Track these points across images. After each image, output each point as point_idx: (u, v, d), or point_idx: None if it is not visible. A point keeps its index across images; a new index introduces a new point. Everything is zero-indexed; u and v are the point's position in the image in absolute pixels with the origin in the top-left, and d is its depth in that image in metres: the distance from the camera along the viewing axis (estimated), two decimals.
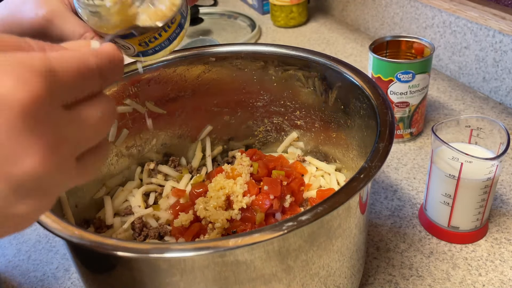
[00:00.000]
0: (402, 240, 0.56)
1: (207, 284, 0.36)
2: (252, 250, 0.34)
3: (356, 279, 0.47)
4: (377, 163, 0.38)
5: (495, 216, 0.58)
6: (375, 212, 0.60)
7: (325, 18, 1.19)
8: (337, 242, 0.39)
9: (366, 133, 0.48)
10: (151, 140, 0.60)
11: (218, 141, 0.64)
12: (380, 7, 1.01)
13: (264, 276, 0.36)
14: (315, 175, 0.58)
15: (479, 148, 0.54)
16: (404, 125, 0.72)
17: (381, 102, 0.45)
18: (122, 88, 0.55)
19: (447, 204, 0.54)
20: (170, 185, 0.58)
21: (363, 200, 0.41)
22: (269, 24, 1.18)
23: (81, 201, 0.52)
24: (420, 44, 0.70)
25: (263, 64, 0.57)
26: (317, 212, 0.34)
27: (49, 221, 0.35)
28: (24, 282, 0.56)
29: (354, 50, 1.02)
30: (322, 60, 0.53)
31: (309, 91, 0.56)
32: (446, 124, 0.54)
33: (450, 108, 0.79)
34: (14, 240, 0.62)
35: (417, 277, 0.52)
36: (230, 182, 0.51)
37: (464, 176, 0.51)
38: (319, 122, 0.58)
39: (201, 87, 0.60)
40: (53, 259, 0.59)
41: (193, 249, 0.32)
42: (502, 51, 0.75)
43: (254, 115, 0.62)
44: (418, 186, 0.64)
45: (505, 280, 0.51)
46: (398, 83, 0.67)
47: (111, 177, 0.57)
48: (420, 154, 0.70)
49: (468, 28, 0.80)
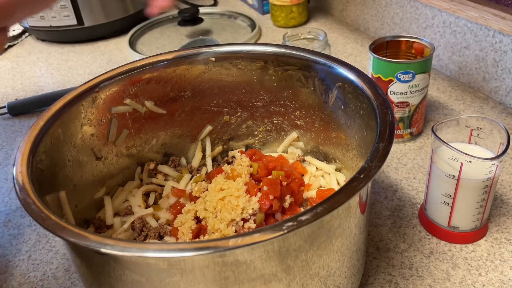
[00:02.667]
0: (402, 240, 0.56)
1: (207, 284, 0.36)
2: (252, 250, 0.34)
3: (356, 279, 0.47)
4: (377, 163, 0.38)
5: (495, 216, 0.58)
6: (375, 212, 0.61)
7: (325, 18, 1.19)
8: (337, 242, 0.39)
9: (366, 133, 0.48)
10: (151, 140, 0.60)
11: (218, 141, 0.64)
12: (380, 7, 1.01)
13: (264, 276, 0.36)
14: (315, 175, 0.58)
15: (479, 148, 0.54)
16: (404, 125, 0.72)
17: (381, 102, 0.45)
18: (122, 88, 0.55)
19: (447, 204, 0.54)
20: (170, 185, 0.59)
21: (363, 200, 0.41)
22: (269, 24, 1.18)
23: (81, 201, 0.52)
24: (420, 44, 0.70)
25: (263, 64, 0.57)
26: (317, 212, 0.34)
27: (49, 221, 0.35)
28: (24, 282, 0.56)
29: (354, 50, 1.02)
30: (322, 60, 0.53)
31: (309, 91, 0.56)
32: (446, 124, 0.54)
33: (450, 108, 0.79)
34: (14, 240, 0.62)
35: (417, 277, 0.52)
36: (230, 183, 0.51)
37: (464, 176, 0.51)
38: (319, 122, 0.58)
39: (201, 87, 0.60)
40: (53, 259, 0.59)
41: (193, 249, 0.32)
42: (502, 51, 0.75)
43: (254, 115, 0.62)
44: (418, 186, 0.64)
45: (505, 280, 0.51)
46: (398, 83, 0.67)
47: (111, 177, 0.57)
48: (420, 154, 0.70)
49: (468, 28, 0.80)
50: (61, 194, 0.47)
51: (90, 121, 0.53)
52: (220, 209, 0.48)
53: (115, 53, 1.12)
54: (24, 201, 0.38)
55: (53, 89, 0.98)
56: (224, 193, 0.49)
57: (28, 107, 0.90)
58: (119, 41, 1.17)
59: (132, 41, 1.14)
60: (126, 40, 1.12)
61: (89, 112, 0.53)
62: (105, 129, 0.55)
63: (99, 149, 0.55)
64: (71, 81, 1.01)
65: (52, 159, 0.47)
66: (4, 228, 0.64)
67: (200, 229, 0.49)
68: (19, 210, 0.67)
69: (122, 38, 1.17)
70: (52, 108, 0.49)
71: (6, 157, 0.79)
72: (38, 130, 0.46)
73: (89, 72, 1.04)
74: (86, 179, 0.53)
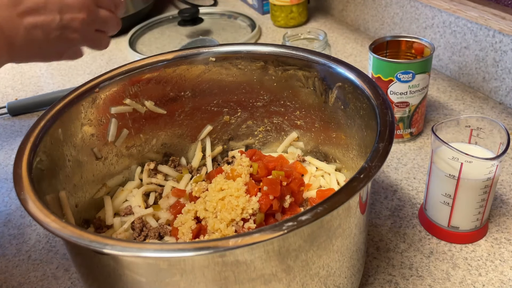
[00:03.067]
0: (402, 240, 0.56)
1: (207, 284, 0.36)
2: (252, 250, 0.34)
3: (356, 279, 0.47)
4: (377, 163, 0.38)
5: (495, 216, 0.58)
6: (375, 212, 0.61)
7: (325, 18, 1.19)
8: (337, 242, 0.39)
9: (366, 133, 0.48)
10: (151, 140, 0.60)
11: (218, 141, 0.64)
12: (380, 7, 1.01)
13: (264, 276, 0.36)
14: (315, 175, 0.58)
15: (479, 148, 0.54)
16: (404, 125, 0.72)
17: (381, 102, 0.45)
18: (122, 88, 0.55)
19: (447, 204, 0.54)
20: (170, 185, 0.59)
21: (363, 200, 0.41)
22: (269, 24, 1.18)
23: (81, 201, 0.52)
24: (420, 44, 0.70)
25: (263, 64, 0.57)
26: (317, 212, 0.34)
27: (49, 221, 0.35)
28: (24, 282, 0.56)
29: (354, 50, 1.02)
30: (322, 60, 0.53)
31: (309, 91, 0.56)
32: (446, 124, 0.54)
33: (450, 108, 0.79)
34: (14, 240, 0.62)
35: (417, 277, 0.52)
36: (230, 183, 0.51)
37: (464, 176, 0.51)
38: (319, 122, 0.58)
39: (201, 87, 0.60)
40: (53, 259, 0.59)
41: (193, 249, 0.32)
42: (502, 51, 0.75)
43: (254, 115, 0.62)
44: (418, 186, 0.64)
45: (505, 280, 0.51)
46: (398, 83, 0.67)
47: (111, 177, 0.57)
48: (420, 154, 0.70)
49: (468, 28, 0.80)
50: (61, 194, 0.47)
51: (90, 121, 0.53)
52: (220, 209, 0.48)
53: (115, 53, 1.12)
54: (24, 201, 0.38)
55: (53, 89, 0.98)
56: (224, 193, 0.49)
57: (28, 107, 0.90)
58: (119, 41, 1.17)
59: (132, 41, 1.14)
60: (126, 40, 1.12)
61: (89, 112, 0.53)
62: (105, 129, 0.55)
63: (99, 149, 0.55)
64: (71, 81, 1.01)
65: (52, 159, 0.47)
66: (4, 228, 0.64)
67: (200, 229, 0.49)
68: (19, 210, 0.67)
69: (122, 38, 1.17)
70: (52, 108, 0.49)
71: (6, 157, 0.79)
72: (38, 130, 0.46)
73: (89, 72, 1.04)
74: (86, 179, 0.53)
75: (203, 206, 0.50)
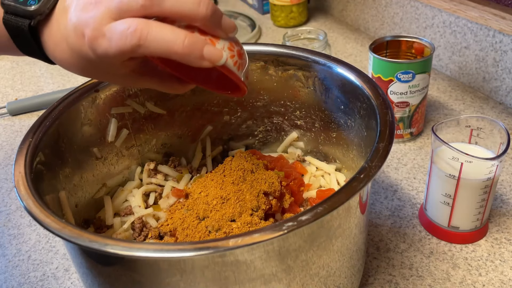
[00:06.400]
0: (402, 240, 0.56)
1: (207, 284, 0.36)
2: (252, 250, 0.34)
3: (356, 279, 0.47)
4: (377, 163, 0.38)
5: (495, 216, 0.58)
6: (375, 212, 0.61)
7: (325, 18, 1.19)
8: (337, 242, 0.39)
9: (366, 133, 0.48)
10: (151, 140, 0.60)
11: (218, 141, 0.64)
12: (380, 7, 1.01)
13: (264, 276, 0.36)
14: (315, 175, 0.58)
15: (479, 148, 0.54)
16: (404, 125, 0.72)
17: (381, 102, 0.45)
18: (122, 88, 0.55)
19: (447, 204, 0.54)
20: (170, 185, 0.58)
21: (363, 200, 0.41)
22: (269, 24, 1.18)
23: (81, 201, 0.52)
24: (420, 44, 0.70)
25: (263, 64, 0.57)
26: (317, 212, 0.34)
27: (49, 221, 0.35)
28: (24, 282, 0.56)
29: (354, 50, 1.02)
30: (322, 60, 0.53)
31: (309, 91, 0.56)
32: (446, 124, 0.54)
33: (450, 108, 0.79)
34: (14, 240, 0.62)
35: (417, 277, 0.52)
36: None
37: (464, 176, 0.51)
38: (319, 122, 0.58)
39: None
40: (53, 259, 0.59)
41: (193, 249, 0.32)
42: (502, 51, 0.75)
43: (254, 115, 0.62)
44: (418, 186, 0.64)
45: (505, 280, 0.51)
46: (398, 83, 0.67)
47: (111, 177, 0.57)
48: (420, 154, 0.70)
49: (468, 28, 0.80)
50: (61, 194, 0.47)
51: (90, 121, 0.53)
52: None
53: None
54: (24, 201, 0.38)
55: (53, 89, 0.98)
56: None
57: (28, 107, 0.90)
58: None
59: None
60: None
61: (89, 112, 0.53)
62: (105, 129, 0.55)
63: (99, 149, 0.55)
64: (71, 81, 1.01)
65: (52, 159, 0.47)
66: (4, 228, 0.64)
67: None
68: (19, 210, 0.67)
69: None
70: (52, 108, 0.49)
71: (6, 157, 0.79)
72: (38, 130, 0.46)
73: None
74: (86, 179, 0.53)
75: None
